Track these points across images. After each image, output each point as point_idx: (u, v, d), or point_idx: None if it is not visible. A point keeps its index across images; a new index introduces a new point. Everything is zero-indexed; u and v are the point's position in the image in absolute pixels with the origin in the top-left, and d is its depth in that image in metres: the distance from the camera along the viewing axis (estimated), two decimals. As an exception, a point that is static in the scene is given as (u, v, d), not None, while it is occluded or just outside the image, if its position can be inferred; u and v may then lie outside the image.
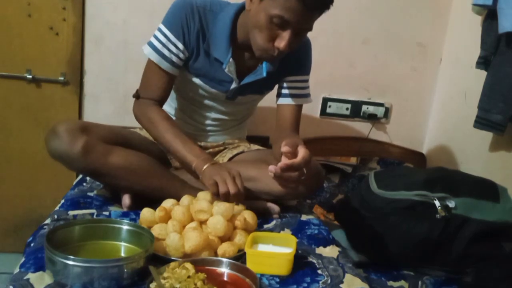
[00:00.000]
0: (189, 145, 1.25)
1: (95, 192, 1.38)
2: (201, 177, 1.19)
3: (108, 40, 1.86)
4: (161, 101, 1.35)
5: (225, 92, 1.40)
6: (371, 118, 2.13)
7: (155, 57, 1.30)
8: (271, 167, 1.16)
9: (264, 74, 1.34)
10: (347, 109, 2.11)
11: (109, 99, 1.92)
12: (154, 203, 1.18)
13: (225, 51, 1.31)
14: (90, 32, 1.85)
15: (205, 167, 1.18)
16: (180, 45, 1.30)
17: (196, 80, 1.38)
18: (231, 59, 1.31)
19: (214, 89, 1.39)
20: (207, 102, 1.44)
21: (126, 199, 1.28)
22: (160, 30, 1.31)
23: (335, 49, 2.05)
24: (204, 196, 1.17)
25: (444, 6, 2.07)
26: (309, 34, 1.39)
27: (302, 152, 1.16)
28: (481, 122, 1.61)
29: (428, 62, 2.13)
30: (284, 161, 1.15)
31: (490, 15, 1.64)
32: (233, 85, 1.38)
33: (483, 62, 1.67)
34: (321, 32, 2.00)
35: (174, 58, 1.31)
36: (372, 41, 2.07)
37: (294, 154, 1.17)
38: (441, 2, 2.06)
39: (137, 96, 1.34)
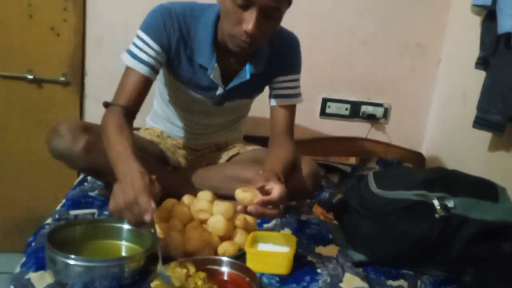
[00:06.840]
0: (128, 160, 1.02)
1: (96, 192, 1.39)
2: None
3: (109, 40, 1.87)
4: (132, 109, 1.21)
5: (212, 98, 1.36)
6: (371, 118, 2.14)
7: (131, 63, 1.22)
8: (251, 207, 0.99)
9: (248, 76, 1.29)
10: (346, 109, 2.12)
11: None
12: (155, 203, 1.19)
13: (209, 57, 1.26)
14: (91, 32, 1.86)
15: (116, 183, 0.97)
16: (157, 48, 1.23)
17: (182, 87, 1.35)
18: (215, 65, 1.26)
19: (200, 95, 1.36)
20: (195, 108, 1.41)
21: None
22: (137, 36, 1.24)
23: (334, 49, 2.05)
24: (204, 196, 1.17)
25: (443, 7, 2.07)
26: (309, 35, 1.40)
27: (277, 189, 1.02)
28: (480, 123, 1.61)
29: (427, 63, 2.13)
30: (261, 197, 1.00)
31: (489, 16, 1.65)
32: (219, 91, 1.33)
33: (482, 63, 1.68)
34: (321, 33, 2.01)
35: (152, 61, 1.23)
36: (371, 41, 2.07)
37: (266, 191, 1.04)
38: (440, 2, 2.07)
39: (105, 104, 1.23)
